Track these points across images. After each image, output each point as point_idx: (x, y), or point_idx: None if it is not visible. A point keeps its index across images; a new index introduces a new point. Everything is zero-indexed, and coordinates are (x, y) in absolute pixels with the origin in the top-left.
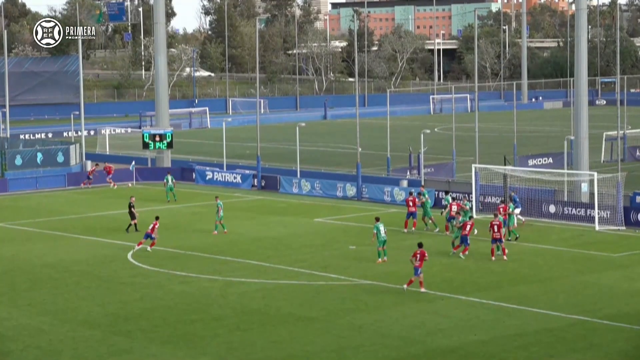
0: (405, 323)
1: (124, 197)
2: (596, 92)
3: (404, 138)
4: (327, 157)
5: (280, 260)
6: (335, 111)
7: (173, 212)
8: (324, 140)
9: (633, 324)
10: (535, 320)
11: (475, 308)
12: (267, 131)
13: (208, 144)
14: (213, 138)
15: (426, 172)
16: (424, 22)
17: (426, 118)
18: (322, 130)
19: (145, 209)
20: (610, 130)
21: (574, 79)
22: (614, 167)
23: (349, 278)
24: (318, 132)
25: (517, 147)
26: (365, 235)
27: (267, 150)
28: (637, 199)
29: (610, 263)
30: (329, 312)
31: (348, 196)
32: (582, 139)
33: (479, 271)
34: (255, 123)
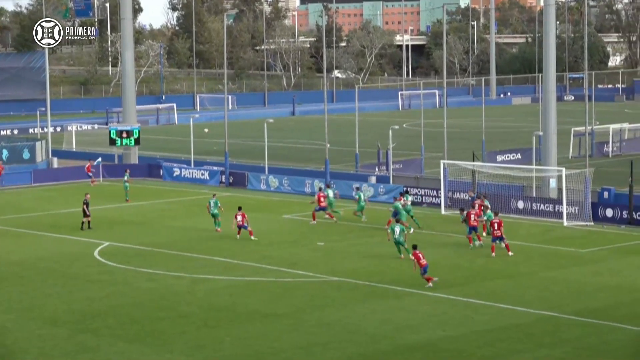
0: (374, 319)
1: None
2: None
3: (373, 134)
4: (296, 154)
5: (248, 257)
6: (304, 107)
7: (140, 209)
8: (292, 137)
9: (601, 319)
10: (503, 316)
11: (443, 304)
12: (236, 128)
13: (175, 140)
14: (180, 134)
15: (395, 168)
16: (392, 17)
17: (395, 114)
18: (290, 127)
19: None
20: (578, 125)
21: (542, 75)
22: (581, 163)
23: (317, 275)
24: (286, 128)
25: (486, 143)
26: (334, 232)
27: (235, 147)
28: (605, 194)
29: (578, 259)
30: (297, 309)
31: (316, 192)
32: (551, 135)
33: (448, 267)
34: (223, 119)
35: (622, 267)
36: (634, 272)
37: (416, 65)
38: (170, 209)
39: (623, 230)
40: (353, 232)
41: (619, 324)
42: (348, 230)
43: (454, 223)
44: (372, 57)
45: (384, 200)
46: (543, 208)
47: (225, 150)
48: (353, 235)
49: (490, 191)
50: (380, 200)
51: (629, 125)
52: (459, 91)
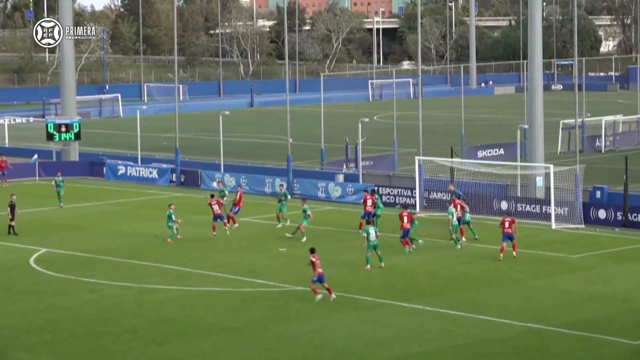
0: (342, 333)
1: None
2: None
3: (340, 127)
4: (254, 149)
5: (202, 265)
6: (263, 98)
7: (81, 211)
8: (251, 130)
9: (593, 332)
10: (485, 329)
11: (419, 316)
12: (187, 120)
13: (120, 134)
14: (126, 128)
15: (364, 165)
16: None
17: (364, 105)
18: (248, 119)
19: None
20: (568, 118)
21: (527, 62)
22: (571, 159)
23: (279, 284)
24: (244, 121)
25: (465, 137)
26: (298, 236)
27: (186, 142)
28: (597, 194)
29: (567, 265)
30: (256, 322)
31: (277, 192)
32: (537, 128)
33: (424, 275)
34: (173, 111)
35: (616, 275)
36: (628, 280)
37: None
38: (114, 212)
39: (617, 234)
40: (319, 237)
41: (612, 337)
42: (313, 234)
43: (430, 226)
44: (339, 42)
45: (352, 201)
46: (529, 209)
47: (176, 145)
48: (319, 240)
49: (470, 190)
50: (349, 201)
51: (623, 117)
52: (436, 80)
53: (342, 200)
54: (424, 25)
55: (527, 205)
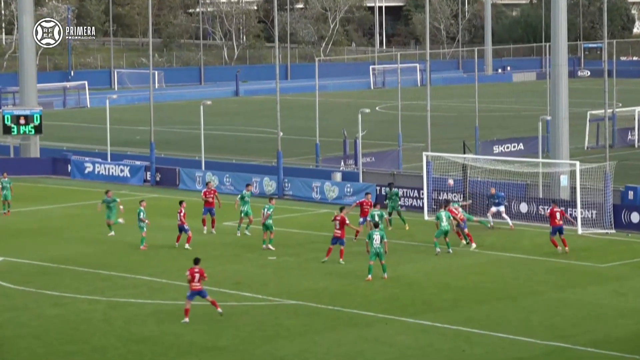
0: (339, 353)
1: None
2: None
3: (337, 119)
4: (240, 144)
5: (180, 276)
6: (250, 85)
7: (42, 214)
8: (236, 123)
9: (625, 351)
10: (503, 348)
11: (427, 333)
12: (163, 111)
13: (87, 127)
14: (94, 120)
15: (365, 162)
16: None
17: (365, 94)
18: (233, 110)
19: None
20: (596, 108)
21: (550, 44)
22: (600, 155)
23: (267, 297)
24: (228, 112)
25: (480, 130)
26: (289, 243)
27: (163, 136)
28: (630, 194)
29: (596, 275)
30: (242, 340)
31: (266, 193)
32: (561, 120)
33: (433, 287)
34: (147, 101)
35: None
36: None
37: (392, 33)
38: (81, 215)
39: None
40: (313, 243)
41: None
42: (307, 240)
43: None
44: (337, 22)
45: (351, 203)
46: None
47: (151, 140)
48: (313, 246)
49: (485, 191)
50: (347, 202)
51: None
52: (446, 65)
53: (339, 201)
54: (432, 3)
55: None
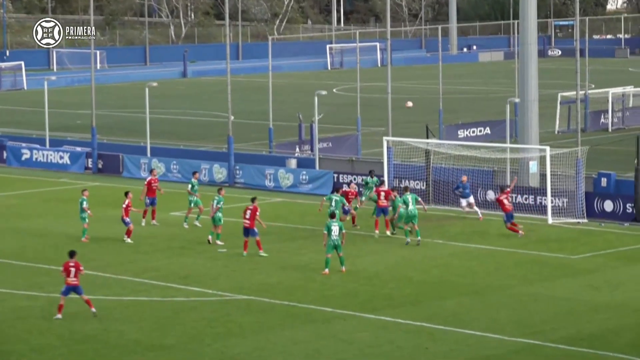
0: (295, 351)
1: None
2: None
3: (292, 102)
4: (188, 129)
5: (125, 269)
6: (199, 66)
7: None
8: (184, 106)
9: (598, 348)
10: (468, 346)
11: (388, 330)
12: (106, 94)
13: (24, 111)
14: (31, 103)
15: (322, 147)
16: None
17: (322, 75)
18: (180, 92)
19: None
20: (567, 90)
21: (518, 22)
22: (572, 140)
23: (218, 292)
24: (175, 94)
25: (444, 113)
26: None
27: (105, 120)
28: (603, 181)
29: (567, 268)
30: (191, 338)
31: (216, 181)
32: (530, 102)
33: (394, 281)
34: (89, 82)
35: (625, 279)
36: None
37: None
38: (17, 205)
39: (626, 230)
40: (268, 235)
41: (621, 354)
42: (260, 232)
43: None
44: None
45: (307, 192)
46: (520, 200)
47: (92, 125)
48: (266, 238)
49: (450, 178)
50: (303, 191)
51: (634, 88)
52: (408, 44)
53: (294, 190)
54: None
55: (519, 196)
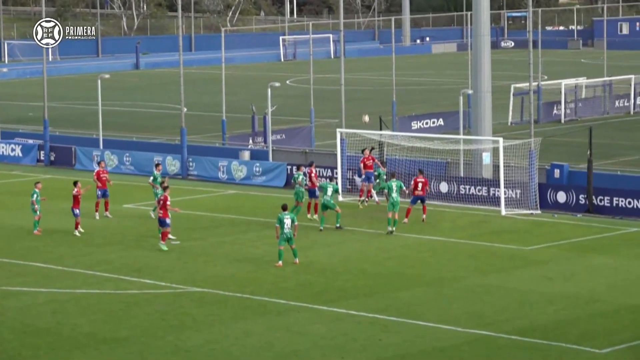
0: (248, 344)
1: None
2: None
3: (245, 94)
4: (141, 121)
5: (77, 262)
6: (151, 58)
7: None
8: (136, 98)
9: (551, 339)
10: (422, 338)
11: (341, 322)
12: (58, 86)
13: None
14: None
15: (275, 139)
16: None
17: (275, 66)
18: (133, 84)
19: None
20: (520, 81)
21: (471, 14)
22: (525, 131)
23: (171, 285)
24: (127, 86)
25: (397, 105)
26: (194, 227)
27: (57, 112)
28: (556, 173)
29: (521, 259)
30: (144, 331)
31: (169, 173)
32: (483, 94)
33: (347, 273)
34: (40, 75)
35: (579, 270)
36: (593, 276)
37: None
38: None
39: (579, 221)
40: (220, 227)
41: (575, 345)
42: (213, 223)
43: (355, 213)
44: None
45: (260, 184)
46: (474, 192)
47: (44, 117)
48: (219, 230)
49: (403, 169)
50: (256, 183)
51: (586, 80)
52: (361, 35)
53: (248, 182)
54: None
55: (472, 187)
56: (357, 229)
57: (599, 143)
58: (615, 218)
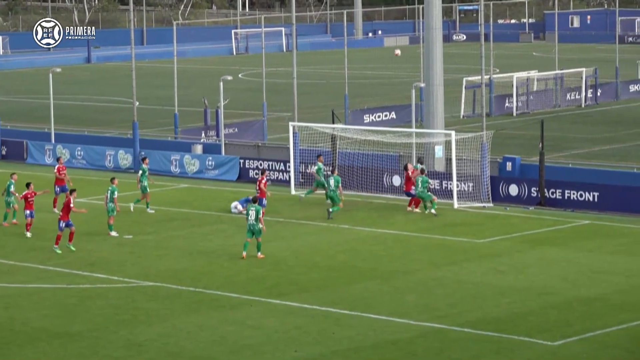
0: (201, 338)
1: None
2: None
3: (198, 87)
4: (93, 115)
5: (29, 257)
6: (103, 51)
7: None
8: (88, 92)
9: (504, 331)
10: (374, 330)
11: (294, 315)
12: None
13: None
14: None
15: (227, 133)
16: None
17: (227, 60)
18: (84, 78)
19: None
20: (472, 74)
21: (423, 7)
22: (477, 124)
23: (124, 279)
24: (79, 80)
25: (350, 98)
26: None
27: (8, 106)
28: (508, 166)
29: (473, 252)
30: (97, 326)
31: (121, 167)
32: (435, 87)
33: (300, 266)
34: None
35: (531, 263)
36: (545, 268)
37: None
38: None
39: (531, 214)
40: (172, 221)
41: (527, 337)
42: (165, 217)
43: (309, 206)
44: None
45: (213, 177)
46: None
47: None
48: (172, 224)
49: (356, 163)
50: (209, 177)
51: (538, 73)
52: (314, 29)
53: (200, 176)
54: None
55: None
56: (310, 223)
57: (551, 136)
58: (567, 210)
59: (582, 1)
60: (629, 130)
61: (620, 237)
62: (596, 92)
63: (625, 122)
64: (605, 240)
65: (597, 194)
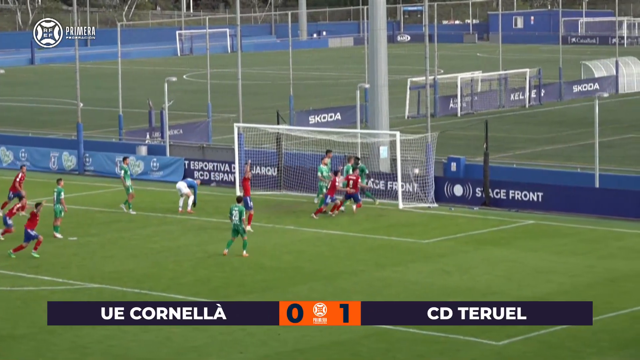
0: (146, 339)
1: None
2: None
3: (142, 89)
4: (36, 116)
5: None
6: (47, 53)
7: None
8: (31, 93)
9: (448, 332)
10: (320, 331)
11: None
12: None
13: None
14: None
15: (172, 134)
16: None
17: (172, 61)
18: (28, 79)
19: None
20: (417, 75)
21: (367, 8)
22: (421, 125)
23: (69, 281)
24: (23, 81)
25: (295, 99)
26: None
27: None
28: (453, 166)
29: (418, 252)
30: (41, 328)
31: (66, 169)
32: (380, 88)
33: (246, 267)
34: None
35: (476, 263)
36: (490, 268)
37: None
38: None
39: (476, 214)
40: (117, 223)
41: (472, 337)
42: (110, 219)
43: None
44: None
45: (157, 179)
46: (371, 185)
47: None
48: (117, 226)
49: (300, 164)
50: (154, 178)
51: (482, 74)
52: (258, 30)
53: (145, 177)
54: None
55: (369, 181)
56: (255, 224)
57: (495, 136)
58: (511, 211)
59: (526, 2)
60: (573, 130)
61: (564, 237)
62: (540, 92)
63: (569, 122)
64: (549, 240)
65: (541, 194)
